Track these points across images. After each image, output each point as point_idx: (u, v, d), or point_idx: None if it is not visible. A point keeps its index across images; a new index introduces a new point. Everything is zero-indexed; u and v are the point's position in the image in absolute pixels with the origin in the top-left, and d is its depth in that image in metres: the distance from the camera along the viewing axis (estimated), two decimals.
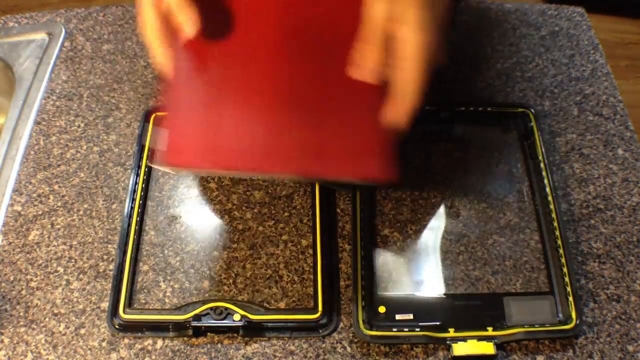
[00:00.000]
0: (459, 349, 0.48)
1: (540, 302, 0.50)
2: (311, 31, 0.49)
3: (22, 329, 0.51)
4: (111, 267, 0.54)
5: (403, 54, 0.39)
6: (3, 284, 0.54)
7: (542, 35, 0.71)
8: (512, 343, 0.49)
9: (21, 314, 0.52)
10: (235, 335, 0.50)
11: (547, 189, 0.56)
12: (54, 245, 0.56)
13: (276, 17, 0.48)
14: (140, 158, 0.60)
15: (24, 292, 0.54)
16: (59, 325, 0.52)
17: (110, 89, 0.67)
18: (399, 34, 0.39)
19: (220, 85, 0.47)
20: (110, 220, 0.57)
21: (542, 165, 0.58)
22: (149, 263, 0.55)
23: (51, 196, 0.59)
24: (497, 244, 0.54)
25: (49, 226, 0.57)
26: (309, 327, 0.50)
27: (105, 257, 0.55)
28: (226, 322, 0.50)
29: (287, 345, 0.50)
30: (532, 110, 0.61)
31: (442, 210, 0.57)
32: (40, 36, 0.72)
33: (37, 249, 0.56)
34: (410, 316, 0.50)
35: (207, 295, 0.53)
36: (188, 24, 0.42)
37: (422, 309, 0.50)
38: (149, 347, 0.50)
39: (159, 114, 0.63)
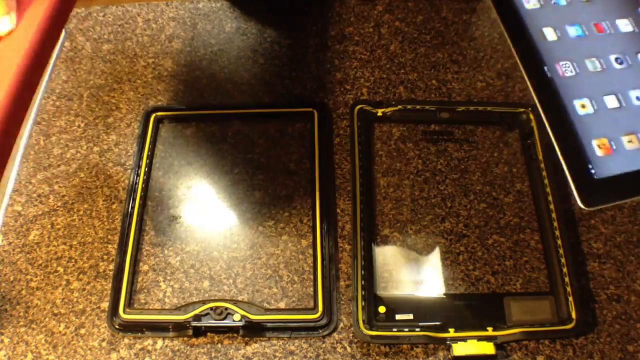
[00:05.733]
0: (459, 349, 0.48)
1: (540, 302, 0.50)
2: None
3: (22, 329, 0.51)
4: (111, 267, 0.54)
5: None
6: (3, 284, 0.54)
7: None
8: (512, 343, 0.49)
9: (21, 314, 0.52)
10: (235, 335, 0.50)
11: (547, 189, 0.56)
12: (54, 245, 0.56)
13: None
14: (140, 158, 0.60)
15: (24, 292, 0.54)
16: (59, 325, 0.52)
17: (110, 89, 0.67)
18: None
19: None
20: (110, 220, 0.57)
21: (542, 165, 0.58)
22: (149, 263, 0.55)
23: (51, 196, 0.59)
24: (497, 244, 0.54)
25: (49, 226, 0.57)
26: (309, 327, 0.50)
27: (105, 257, 0.55)
28: (226, 322, 0.50)
29: (287, 345, 0.50)
30: (533, 110, 0.61)
31: (442, 210, 0.57)
32: None
33: (37, 249, 0.56)
34: (410, 316, 0.50)
35: (207, 295, 0.53)
36: None
37: (422, 309, 0.50)
38: (149, 347, 0.50)
39: (159, 114, 0.63)
